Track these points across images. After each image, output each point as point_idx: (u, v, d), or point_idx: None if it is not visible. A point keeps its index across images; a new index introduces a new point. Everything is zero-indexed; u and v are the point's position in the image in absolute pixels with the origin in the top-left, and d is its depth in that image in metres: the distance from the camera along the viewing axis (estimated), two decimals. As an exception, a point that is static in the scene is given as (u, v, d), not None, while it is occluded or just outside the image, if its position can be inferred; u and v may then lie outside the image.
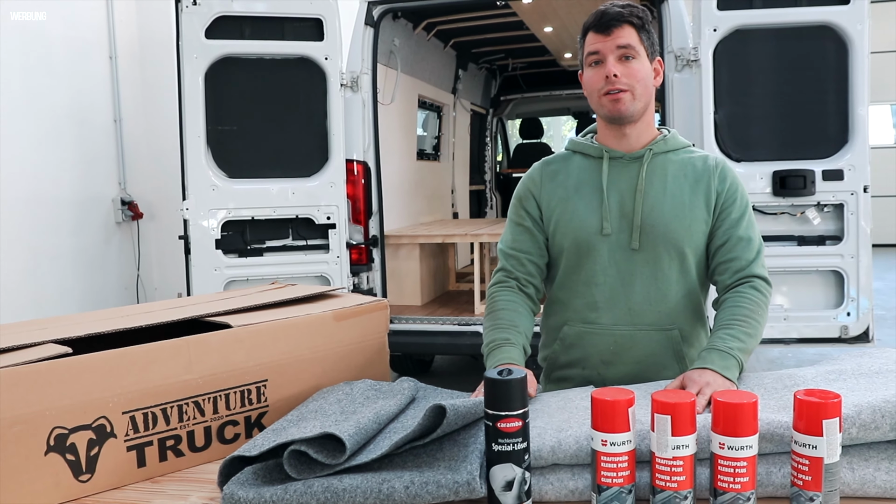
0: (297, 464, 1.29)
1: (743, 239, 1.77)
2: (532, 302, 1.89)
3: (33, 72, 5.34)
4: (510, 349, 1.72)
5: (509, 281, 1.88)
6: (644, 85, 1.76)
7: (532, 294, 1.89)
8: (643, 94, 1.76)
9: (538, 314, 1.94)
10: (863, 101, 3.42)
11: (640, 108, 1.77)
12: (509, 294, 1.86)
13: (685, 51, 3.59)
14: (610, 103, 1.75)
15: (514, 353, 1.72)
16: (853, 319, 3.54)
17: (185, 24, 3.73)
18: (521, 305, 1.85)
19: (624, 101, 1.74)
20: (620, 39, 1.72)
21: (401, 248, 4.83)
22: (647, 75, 1.76)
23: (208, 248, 3.83)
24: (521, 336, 1.77)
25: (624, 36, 1.73)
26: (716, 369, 1.53)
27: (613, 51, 1.73)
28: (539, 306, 1.93)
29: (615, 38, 1.73)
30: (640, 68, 1.74)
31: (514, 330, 1.77)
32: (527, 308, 1.86)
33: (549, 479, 1.28)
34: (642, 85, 1.75)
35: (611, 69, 1.72)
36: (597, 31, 1.75)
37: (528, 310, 1.86)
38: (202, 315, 1.68)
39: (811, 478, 1.15)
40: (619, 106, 1.75)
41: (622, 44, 1.72)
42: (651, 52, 1.77)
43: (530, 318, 1.85)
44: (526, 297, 1.88)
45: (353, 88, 4.02)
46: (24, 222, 5.26)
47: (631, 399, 1.18)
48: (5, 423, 1.30)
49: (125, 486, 1.45)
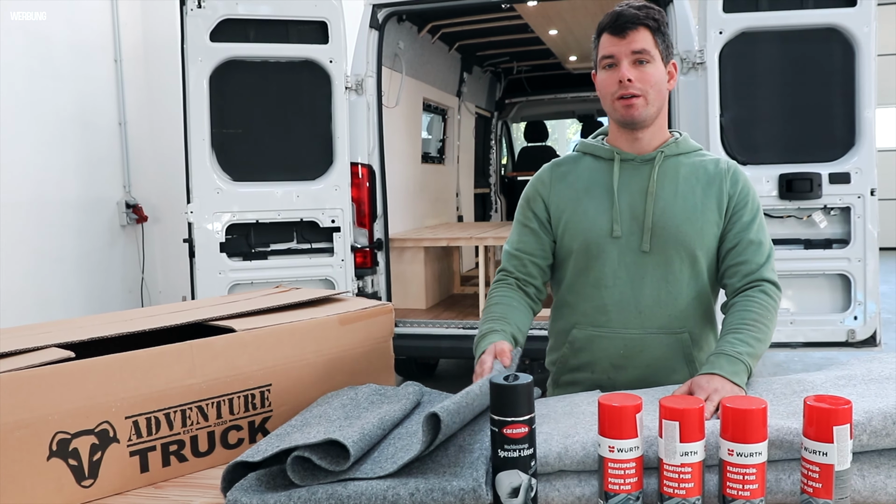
0: (300, 470, 1.28)
1: (754, 242, 1.76)
2: (531, 300, 1.88)
3: (38, 75, 5.35)
4: (493, 336, 1.69)
5: (508, 279, 1.88)
6: (657, 90, 1.74)
7: (532, 294, 1.88)
8: (656, 99, 1.75)
9: (538, 315, 1.93)
10: (869, 104, 3.40)
11: (653, 113, 1.76)
12: (505, 290, 1.86)
13: (691, 53, 3.58)
14: (623, 108, 1.74)
15: (496, 338, 1.68)
16: (860, 323, 3.53)
17: (190, 27, 3.73)
18: (514, 300, 1.84)
19: (637, 107, 1.73)
20: (635, 44, 1.71)
21: (405, 251, 4.83)
22: (660, 80, 1.74)
23: (213, 251, 3.83)
24: (509, 325, 1.75)
25: (639, 40, 1.71)
26: (724, 375, 1.51)
27: (628, 55, 1.71)
28: (539, 306, 1.91)
29: (630, 41, 1.71)
30: (653, 73, 1.73)
31: (503, 321, 1.75)
32: (522, 303, 1.85)
33: (556, 486, 1.27)
34: (656, 90, 1.74)
35: (624, 74, 1.71)
36: (612, 33, 1.73)
37: (524, 305, 1.85)
38: (206, 319, 1.67)
39: (821, 485, 1.14)
40: (633, 111, 1.74)
41: (637, 48, 1.71)
42: (666, 56, 1.76)
43: (524, 312, 1.83)
44: (524, 294, 1.87)
45: (357, 91, 4.02)
46: (29, 225, 5.27)
47: (638, 405, 1.17)
48: (7, 428, 1.29)
49: (128, 492, 1.44)
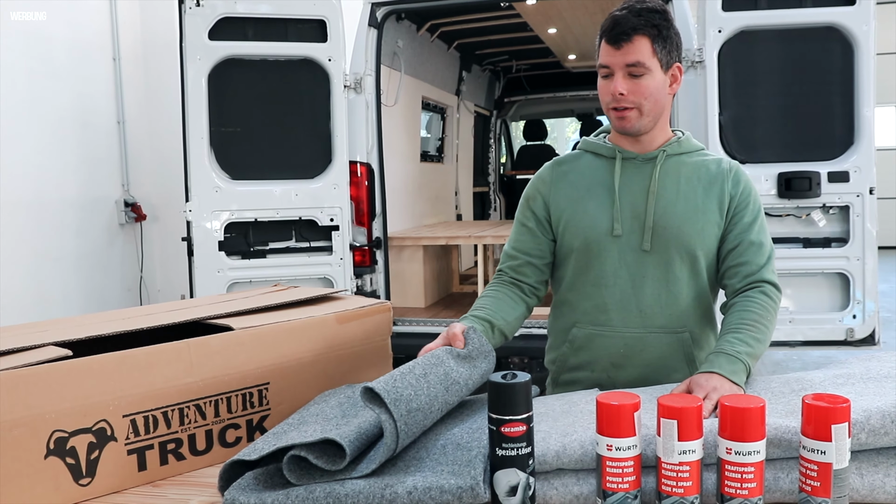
0: (297, 469, 1.27)
1: (754, 243, 1.76)
2: (525, 295, 1.86)
3: (37, 74, 5.34)
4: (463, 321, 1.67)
5: (503, 278, 1.88)
6: (653, 101, 1.71)
7: (526, 290, 1.87)
8: (652, 110, 1.72)
9: (536, 314, 1.92)
10: (868, 103, 3.40)
11: (648, 123, 1.74)
12: (497, 286, 1.87)
13: (690, 52, 3.57)
14: (616, 119, 1.74)
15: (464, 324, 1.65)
16: (859, 322, 3.53)
17: (189, 26, 3.73)
18: (502, 293, 1.83)
19: (630, 119, 1.72)
20: (630, 56, 1.67)
21: (404, 250, 4.82)
22: (657, 90, 1.71)
23: (211, 249, 3.83)
24: (485, 311, 1.73)
25: (634, 51, 1.67)
26: (723, 373, 1.51)
27: (622, 67, 1.68)
28: (535, 301, 1.90)
29: (625, 53, 1.67)
30: (649, 84, 1.69)
31: (481, 309, 1.74)
32: (512, 296, 1.83)
33: (554, 484, 1.27)
34: (651, 101, 1.71)
35: (617, 87, 1.69)
36: (608, 41, 1.69)
37: (513, 298, 1.84)
38: (204, 317, 1.67)
39: (820, 483, 1.14)
40: (625, 123, 1.73)
41: (631, 61, 1.67)
42: (666, 62, 1.71)
43: (511, 304, 1.82)
44: (518, 290, 1.86)
45: (356, 90, 4.01)
46: (28, 224, 5.26)
47: (637, 403, 1.17)
48: (5, 427, 1.29)
49: (125, 490, 1.44)
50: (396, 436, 1.26)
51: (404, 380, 1.33)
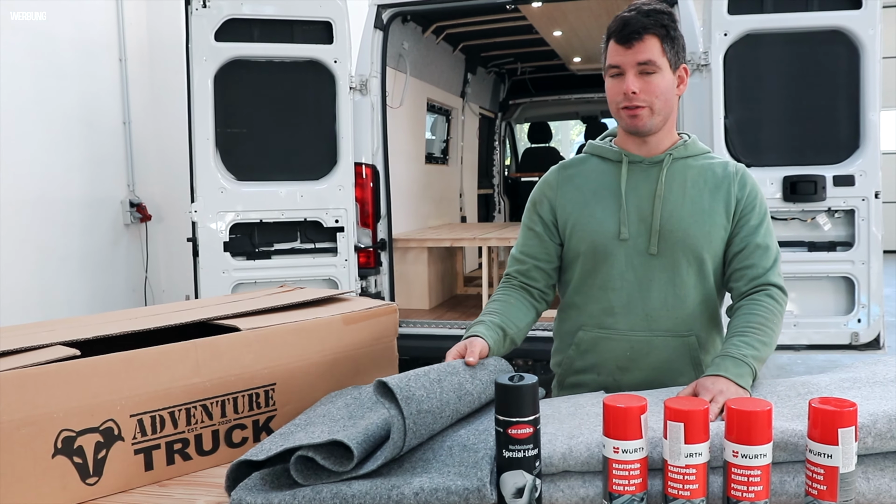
0: (303, 470, 1.28)
1: (760, 246, 1.76)
2: (534, 300, 1.87)
3: (43, 74, 5.35)
4: (477, 328, 1.67)
5: (512, 282, 1.89)
6: (664, 99, 1.72)
7: (535, 295, 1.88)
8: (663, 108, 1.73)
9: (543, 317, 1.92)
10: (874, 107, 3.40)
11: (659, 122, 1.75)
12: (506, 290, 1.87)
13: (695, 55, 3.57)
14: (628, 118, 1.74)
15: (479, 330, 1.66)
16: (864, 326, 3.52)
17: (195, 27, 3.73)
18: (513, 297, 1.84)
19: (642, 118, 1.72)
20: (641, 55, 1.68)
21: (409, 251, 4.83)
22: (667, 89, 1.72)
23: (216, 250, 3.84)
24: (499, 317, 1.74)
25: (644, 50, 1.68)
26: (729, 377, 1.51)
27: (633, 66, 1.69)
28: (544, 306, 1.91)
29: (636, 52, 1.68)
30: (660, 83, 1.70)
31: (494, 314, 1.74)
32: (522, 301, 1.84)
33: (560, 487, 1.27)
34: (662, 100, 1.72)
35: (629, 86, 1.69)
36: (618, 41, 1.70)
37: (524, 302, 1.84)
38: (210, 318, 1.67)
39: (826, 487, 1.13)
40: (637, 122, 1.73)
41: (642, 59, 1.68)
42: (675, 62, 1.73)
43: (522, 309, 1.82)
44: (527, 294, 1.87)
45: (361, 91, 4.01)
46: (33, 224, 5.27)
47: (643, 406, 1.17)
48: (13, 426, 1.29)
49: (132, 490, 1.44)
50: (404, 433, 1.26)
51: (418, 381, 1.34)
